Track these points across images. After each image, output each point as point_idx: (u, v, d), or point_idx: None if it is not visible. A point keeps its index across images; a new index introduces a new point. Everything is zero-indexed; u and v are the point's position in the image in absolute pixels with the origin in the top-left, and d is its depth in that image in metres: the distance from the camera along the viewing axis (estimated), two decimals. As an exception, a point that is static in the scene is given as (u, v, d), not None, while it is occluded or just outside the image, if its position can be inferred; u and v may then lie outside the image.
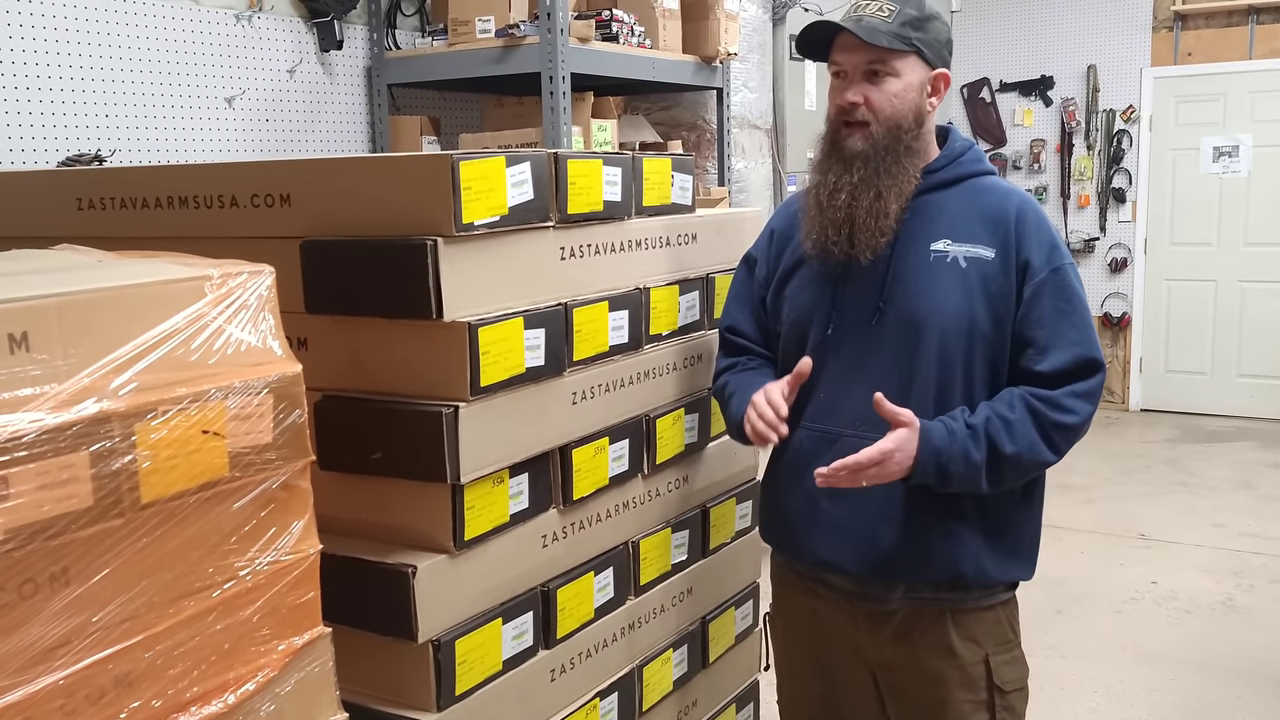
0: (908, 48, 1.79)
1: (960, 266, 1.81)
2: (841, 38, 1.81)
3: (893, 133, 1.80)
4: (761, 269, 2.03)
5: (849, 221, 1.79)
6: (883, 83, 1.79)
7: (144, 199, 1.79)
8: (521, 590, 1.78)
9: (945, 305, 1.80)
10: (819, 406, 1.89)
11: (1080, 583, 4.49)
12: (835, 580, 1.91)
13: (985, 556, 1.84)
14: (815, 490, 1.85)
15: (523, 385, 1.70)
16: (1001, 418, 1.75)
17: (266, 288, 1.33)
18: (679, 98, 4.09)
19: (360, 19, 3.39)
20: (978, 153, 1.92)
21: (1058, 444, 1.78)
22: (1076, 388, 1.78)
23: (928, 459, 1.73)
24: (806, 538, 1.91)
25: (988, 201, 1.86)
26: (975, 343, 1.80)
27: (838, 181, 1.81)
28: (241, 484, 1.26)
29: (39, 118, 2.64)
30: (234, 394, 1.24)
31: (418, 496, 1.63)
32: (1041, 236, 1.83)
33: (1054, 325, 1.79)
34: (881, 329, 1.83)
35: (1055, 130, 7.47)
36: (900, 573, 1.84)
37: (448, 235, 1.55)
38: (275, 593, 1.33)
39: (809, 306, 1.91)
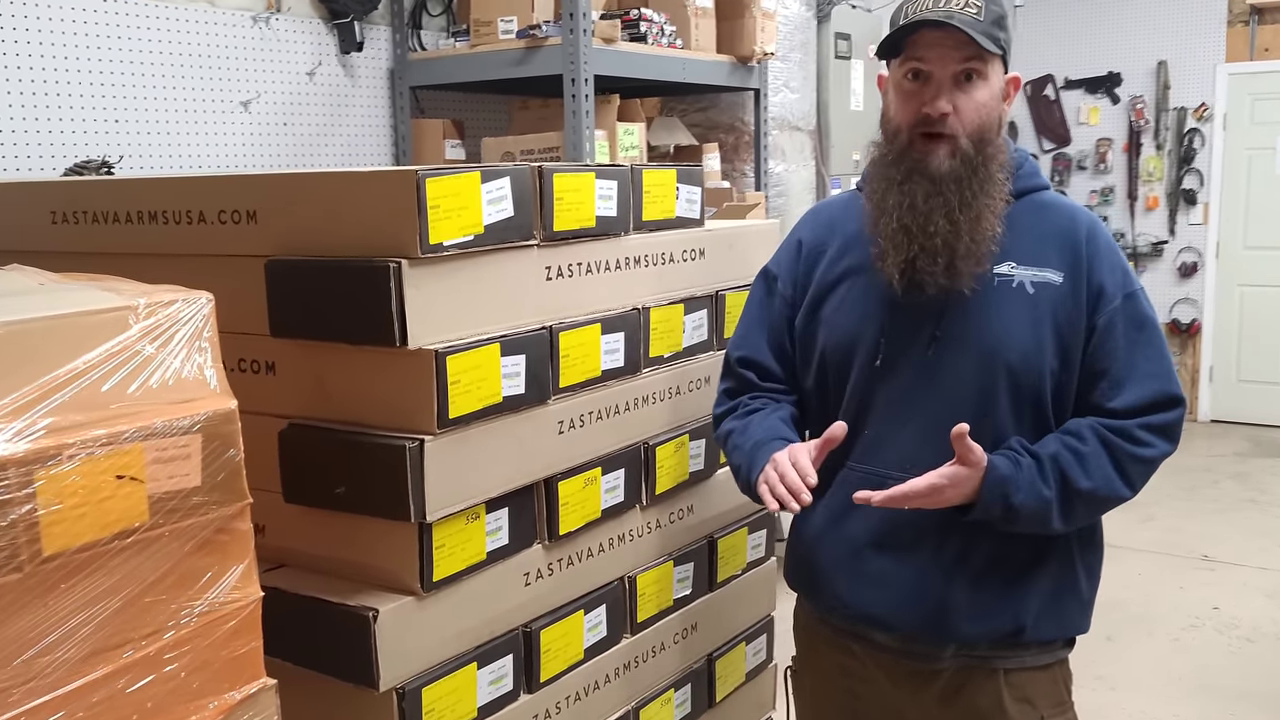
0: (998, 50, 1.60)
1: (1028, 293, 1.63)
2: (926, 33, 1.58)
3: (979, 147, 1.60)
4: (787, 287, 1.81)
5: (948, 250, 1.59)
6: (973, 89, 1.59)
7: (115, 214, 1.71)
8: (501, 632, 1.67)
9: (1012, 337, 1.61)
10: (864, 445, 1.70)
11: (1135, 607, 4.28)
12: (878, 637, 1.72)
13: (1047, 609, 1.66)
14: (859, 538, 1.69)
15: (500, 415, 1.59)
16: (1073, 450, 1.58)
17: (202, 317, 1.24)
18: (716, 98, 3.96)
19: (383, 20, 3.31)
20: (1034, 165, 1.74)
21: (1133, 478, 1.60)
22: (1153, 420, 1.60)
23: (992, 492, 1.55)
24: (847, 589, 1.72)
25: (1053, 220, 1.68)
26: (1044, 378, 1.62)
27: (929, 204, 1.59)
28: (165, 531, 1.17)
29: (47, 124, 2.59)
30: (155, 434, 1.14)
31: (383, 534, 1.53)
32: (1114, 260, 1.66)
33: (1128, 357, 1.61)
34: (938, 361, 1.64)
35: (1122, 129, 7.19)
36: (954, 629, 1.65)
37: (413, 257, 1.44)
38: (208, 645, 1.24)
39: (852, 332, 1.70)
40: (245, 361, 1.64)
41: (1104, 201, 7.27)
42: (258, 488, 1.62)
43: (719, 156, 3.75)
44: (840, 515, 1.70)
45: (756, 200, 3.57)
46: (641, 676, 1.95)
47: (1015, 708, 1.68)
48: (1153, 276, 7.13)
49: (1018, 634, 1.65)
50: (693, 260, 2.00)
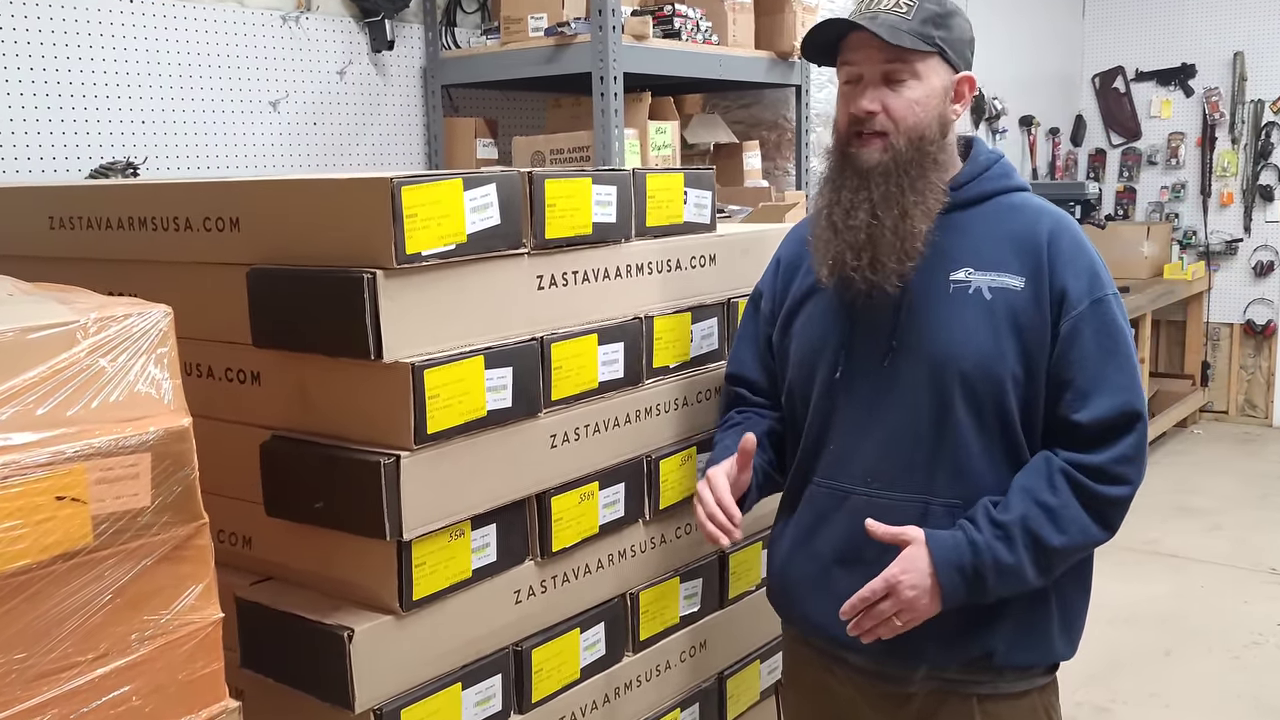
0: (930, 48, 1.56)
1: (984, 298, 1.57)
2: (853, 37, 1.59)
3: (915, 144, 1.57)
4: (767, 304, 1.82)
5: (870, 244, 1.57)
6: (903, 88, 1.57)
7: (107, 220, 1.70)
8: (489, 651, 1.63)
9: (967, 344, 1.56)
10: (830, 460, 1.67)
11: (1195, 621, 4.11)
12: (850, 658, 1.68)
13: (1020, 634, 1.60)
14: (826, 555, 1.66)
15: (485, 430, 1.54)
16: (1043, 505, 1.52)
17: (159, 330, 1.20)
18: (759, 95, 3.87)
19: (416, 17, 3.28)
20: (1006, 166, 1.68)
21: (1111, 521, 1.56)
22: (1123, 450, 1.54)
23: (951, 579, 1.52)
24: (816, 609, 1.68)
25: (1016, 222, 1.62)
26: (1005, 387, 1.56)
27: (854, 198, 1.58)
28: (111, 553, 1.13)
29: (73, 125, 2.60)
30: (99, 454, 1.11)
31: (361, 552, 1.49)
32: (1080, 262, 1.58)
33: (1096, 367, 1.55)
34: (895, 371, 1.61)
35: (1196, 122, 6.93)
36: (922, 652, 1.61)
37: (388, 268, 1.40)
38: (163, 668, 1.20)
39: (816, 346, 1.69)
40: (232, 371, 1.61)
41: (1175, 198, 7.03)
42: (245, 498, 1.62)
43: (759, 155, 3.66)
44: (809, 533, 1.68)
45: (796, 199, 3.48)
46: (644, 696, 1.90)
47: None
48: (1226, 275, 6.88)
49: (988, 658, 1.60)
50: (702, 267, 1.93)
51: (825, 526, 1.66)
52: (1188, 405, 6.65)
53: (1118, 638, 3.96)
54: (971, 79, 1.63)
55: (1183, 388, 6.78)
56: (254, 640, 1.56)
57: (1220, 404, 7.00)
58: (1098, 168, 7.25)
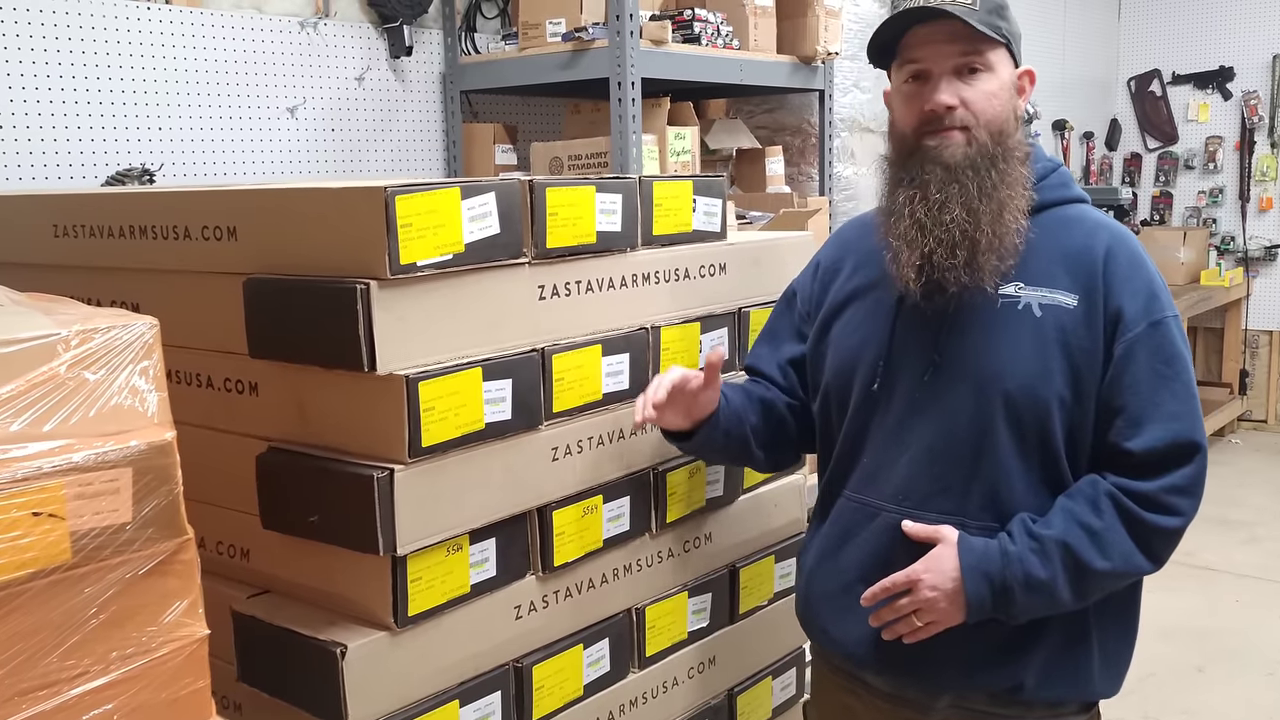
0: (1000, 39, 1.49)
1: (1034, 315, 1.49)
2: (918, 31, 1.49)
3: (997, 138, 1.49)
4: (804, 305, 1.75)
5: (968, 241, 1.46)
6: (976, 80, 1.49)
7: (109, 228, 1.68)
8: (488, 668, 1.59)
9: (1014, 364, 1.48)
10: (862, 474, 1.61)
11: (1231, 637, 4.02)
12: (870, 679, 1.63)
13: (1054, 666, 1.52)
14: (850, 571, 1.60)
15: (483, 443, 1.51)
16: (1085, 526, 1.44)
17: (144, 343, 1.18)
18: (783, 99, 3.83)
19: (435, 23, 3.27)
20: (1065, 175, 1.60)
21: (1158, 551, 1.46)
22: (1176, 480, 1.45)
23: (978, 586, 1.44)
24: (836, 626, 1.63)
25: (1072, 236, 1.53)
26: (1051, 411, 1.47)
27: (945, 192, 1.46)
28: (91, 570, 1.11)
29: (90, 131, 2.60)
30: (77, 469, 1.09)
31: (356, 566, 1.47)
32: (1138, 281, 1.50)
33: (1150, 393, 1.46)
34: (935, 387, 1.53)
35: (1234, 126, 6.81)
36: (945, 678, 1.54)
37: (382, 278, 1.37)
38: (146, 687, 1.18)
39: (854, 355, 1.62)
40: (230, 381, 1.60)
41: (1213, 203, 6.90)
42: (242, 510, 1.60)
43: (783, 160, 3.62)
44: (835, 548, 1.63)
45: (819, 205, 3.43)
46: (650, 714, 1.86)
47: None
48: (1265, 282, 6.75)
49: (1016, 690, 1.52)
50: (712, 276, 1.89)
51: (852, 542, 1.60)
52: (1225, 414, 6.53)
53: (1150, 652, 3.86)
54: (1032, 72, 1.57)
55: (1220, 396, 6.66)
56: (250, 654, 1.54)
57: (1259, 413, 6.87)
58: (1133, 172, 7.13)
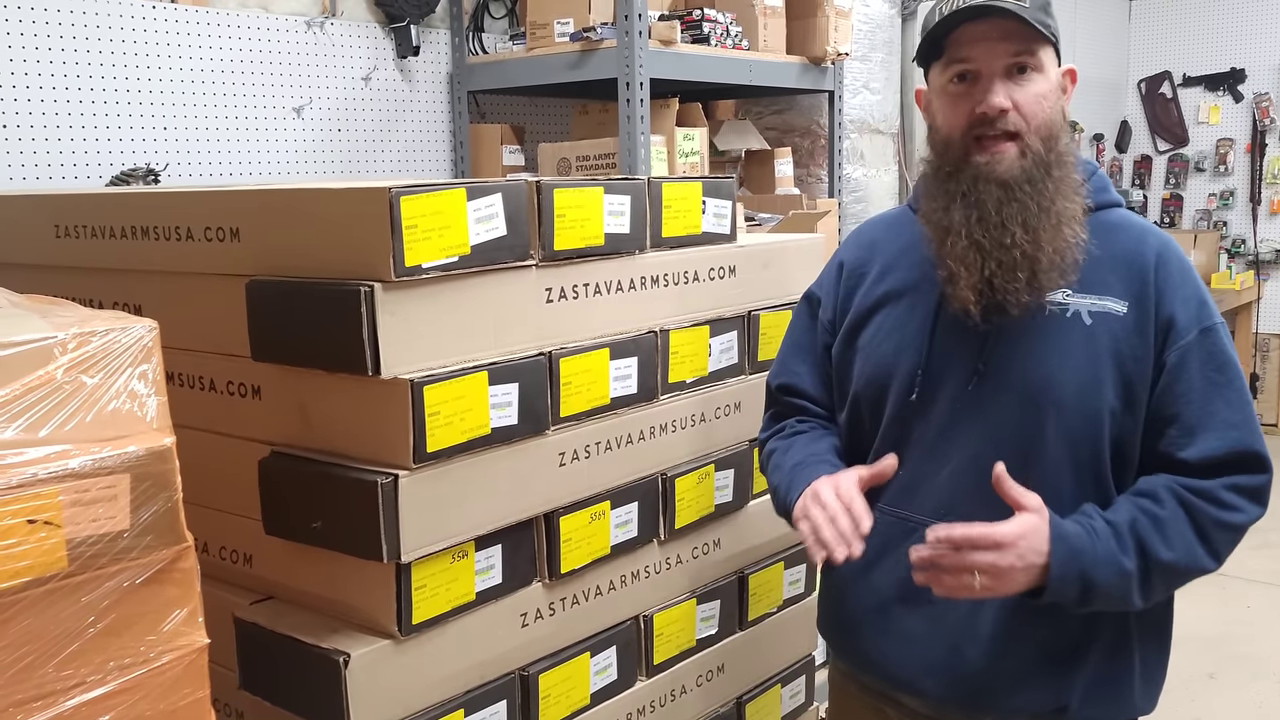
0: (1050, 37, 1.43)
1: (1084, 324, 1.44)
2: (968, 28, 1.42)
3: (1049, 143, 1.43)
4: (827, 312, 1.66)
5: (1029, 262, 1.41)
6: (1028, 81, 1.42)
7: (111, 229, 1.66)
8: (493, 676, 1.57)
9: (1063, 373, 1.43)
10: (898, 487, 1.53)
11: (1242, 643, 3.98)
12: (907, 701, 1.57)
13: (1097, 687, 1.47)
14: (886, 589, 1.53)
15: (489, 448, 1.49)
16: (1150, 515, 1.38)
17: (143, 346, 1.16)
18: (792, 100, 3.80)
19: (443, 23, 3.24)
20: (1104, 179, 1.54)
21: (1219, 548, 1.40)
22: (1239, 481, 1.39)
23: (1067, 567, 1.35)
24: (874, 647, 1.57)
25: (1119, 242, 1.48)
26: (1102, 421, 1.42)
27: (1001, 214, 1.41)
28: (88, 578, 1.09)
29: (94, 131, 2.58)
30: (73, 475, 1.07)
31: (359, 573, 1.44)
32: (1189, 289, 1.45)
33: (1204, 402, 1.40)
34: (979, 398, 1.47)
35: (1245, 128, 6.77)
36: (988, 700, 1.49)
37: (387, 280, 1.35)
38: (143, 698, 1.16)
39: (888, 363, 1.54)
40: (233, 385, 1.57)
41: (1223, 205, 6.86)
42: (245, 515, 1.57)
43: (792, 161, 3.59)
44: (869, 564, 1.53)
45: (828, 207, 3.40)
46: (658, 722, 1.84)
47: None
48: (1276, 285, 6.71)
49: (1061, 712, 1.47)
50: (721, 279, 1.86)
51: (888, 559, 1.52)
52: (1236, 418, 6.47)
53: (1160, 659, 3.83)
54: (1074, 71, 1.50)
55: (1231, 400, 6.60)
56: (252, 661, 1.52)
57: (1270, 416, 6.82)
58: (1143, 175, 7.09)
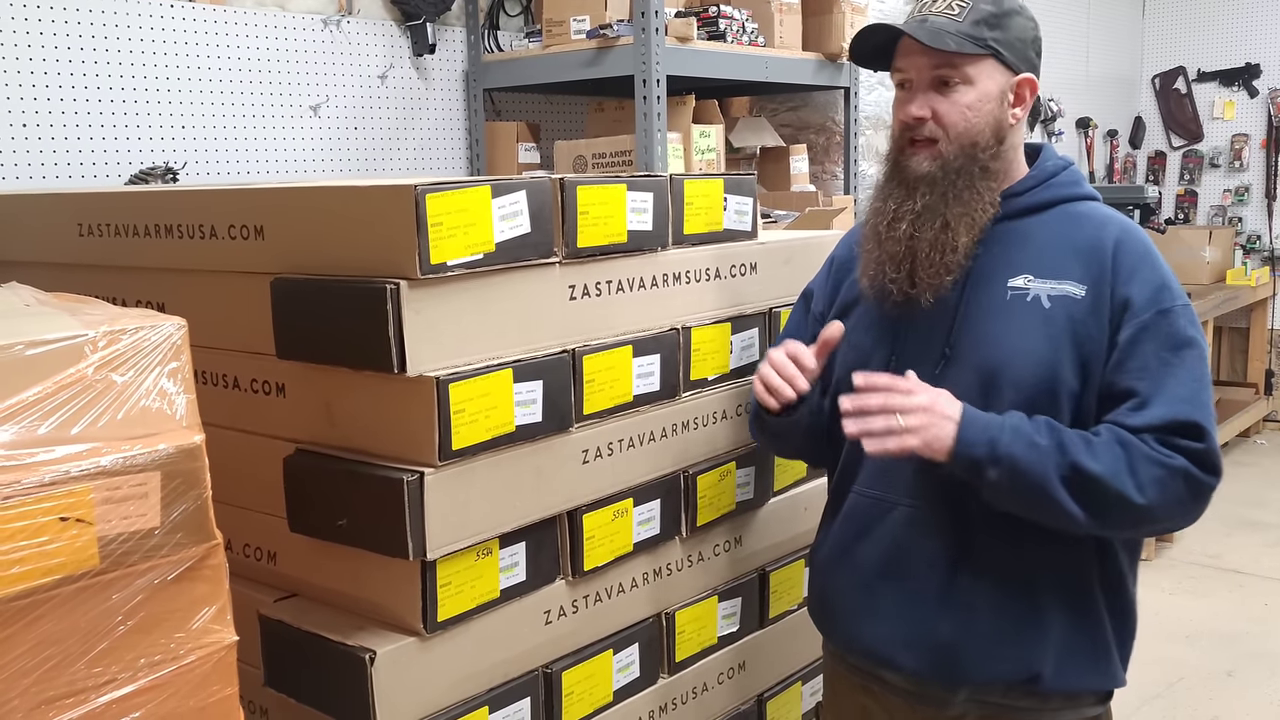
0: (982, 50, 1.49)
1: (1043, 307, 1.51)
2: (905, 42, 1.53)
3: (966, 151, 1.52)
4: (819, 304, 1.77)
5: (910, 256, 1.53)
6: (953, 92, 1.51)
7: (134, 227, 1.67)
8: (517, 673, 1.57)
9: (1022, 353, 1.50)
10: (873, 469, 1.61)
11: (1259, 641, 3.96)
12: (889, 676, 1.63)
13: (1068, 657, 1.53)
14: (867, 568, 1.61)
15: (514, 445, 1.49)
16: (1081, 435, 1.44)
17: (172, 344, 1.16)
18: (808, 97, 3.80)
19: (458, 21, 3.25)
20: (1076, 174, 1.61)
21: (1144, 482, 1.41)
22: (1177, 440, 1.42)
23: (973, 426, 1.43)
24: (854, 625, 1.64)
25: (1082, 230, 1.55)
26: (1059, 399, 1.49)
27: (898, 209, 1.54)
28: (119, 576, 1.09)
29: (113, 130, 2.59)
30: (105, 473, 1.07)
31: (385, 570, 1.45)
32: (1146, 271, 1.50)
33: (1156, 378, 1.45)
34: (944, 380, 1.53)
35: (1261, 124, 6.74)
36: (963, 671, 1.55)
37: (412, 278, 1.35)
38: (173, 695, 1.16)
39: (865, 350, 1.63)
40: (257, 382, 1.58)
41: (1238, 201, 6.83)
42: (270, 513, 1.58)
43: (807, 158, 3.59)
44: (850, 545, 1.63)
45: (844, 204, 3.40)
46: (680, 719, 1.83)
47: None
48: (1293, 281, 6.68)
49: (1034, 681, 1.52)
50: (743, 276, 1.86)
51: (867, 539, 1.61)
52: (1251, 415, 6.46)
53: (1178, 656, 3.82)
54: (1032, 80, 1.56)
55: (1246, 396, 6.59)
56: (277, 659, 1.53)
57: (1285, 414, 6.80)
58: (1157, 171, 7.07)
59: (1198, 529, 5.05)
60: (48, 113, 2.47)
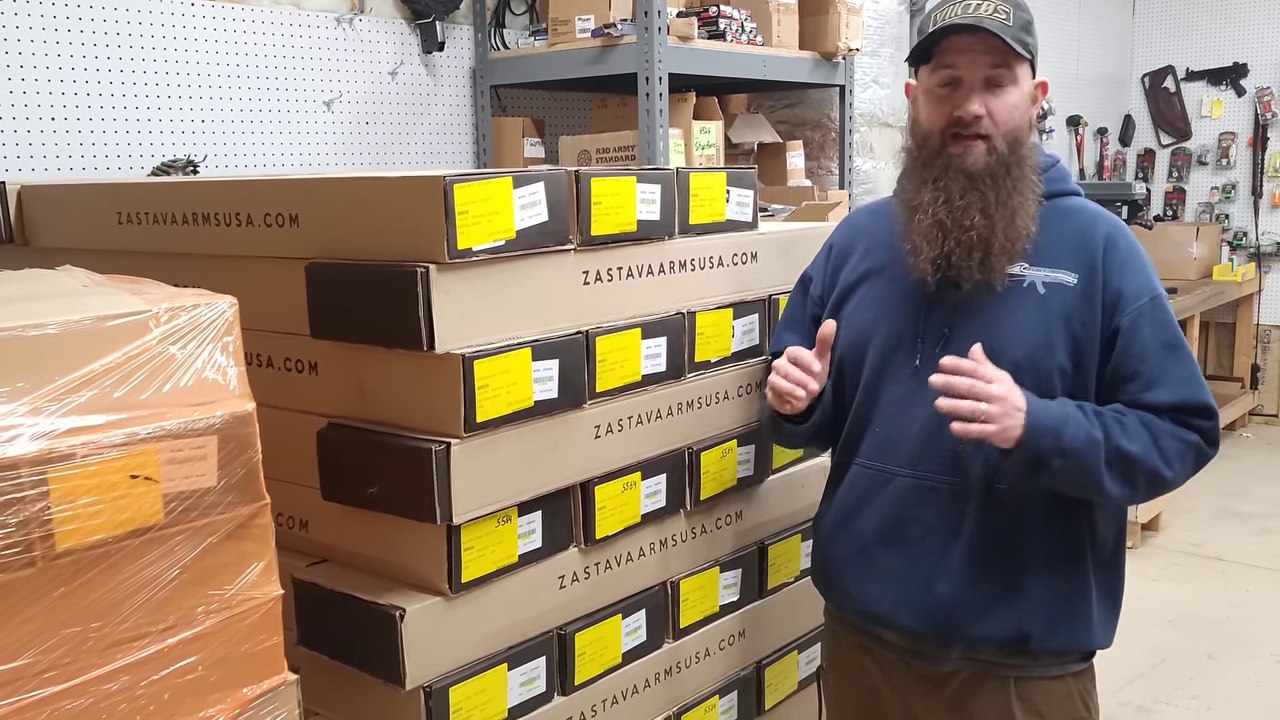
0: (1026, 54, 1.62)
1: (1038, 293, 1.63)
2: (955, 40, 1.62)
3: (1014, 147, 1.64)
4: (817, 288, 1.88)
5: (984, 244, 1.61)
6: (1003, 92, 1.63)
7: (172, 215, 1.77)
8: (534, 634, 1.68)
9: (1019, 335, 1.62)
10: (874, 442, 1.73)
11: (1239, 625, 4.09)
12: (887, 635, 1.74)
13: (1055, 618, 1.65)
14: (867, 534, 1.73)
15: (532, 419, 1.60)
16: (1114, 416, 1.57)
17: (225, 320, 1.27)
18: (803, 95, 3.91)
19: (466, 19, 3.35)
20: (1063, 170, 1.74)
21: (1171, 458, 1.57)
22: (1188, 420, 1.59)
23: (1041, 417, 1.51)
24: (855, 586, 1.75)
25: (1072, 224, 1.68)
26: (1053, 378, 1.61)
27: (966, 199, 1.62)
28: (180, 530, 1.20)
29: (136, 124, 2.69)
30: (170, 435, 1.17)
31: (413, 535, 1.55)
32: (1136, 265, 1.65)
33: (1159, 361, 1.60)
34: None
35: (1247, 122, 6.86)
36: (957, 629, 1.66)
37: (441, 262, 1.46)
38: (225, 640, 1.27)
39: (867, 330, 1.75)
40: (290, 361, 1.68)
41: (1225, 198, 6.96)
42: (301, 483, 1.68)
43: (803, 154, 3.70)
44: (852, 512, 1.75)
45: (839, 199, 3.51)
46: (684, 682, 1.94)
47: None
48: (1277, 278, 6.81)
49: (1024, 641, 1.64)
50: (743, 264, 1.97)
51: (868, 507, 1.72)
52: (1237, 408, 6.58)
53: (1162, 639, 3.95)
54: (1045, 84, 1.70)
55: (1232, 390, 6.71)
56: (310, 619, 1.63)
57: (1270, 407, 6.92)
58: (1146, 168, 7.19)
59: (1183, 518, 5.18)
60: (75, 107, 2.57)
